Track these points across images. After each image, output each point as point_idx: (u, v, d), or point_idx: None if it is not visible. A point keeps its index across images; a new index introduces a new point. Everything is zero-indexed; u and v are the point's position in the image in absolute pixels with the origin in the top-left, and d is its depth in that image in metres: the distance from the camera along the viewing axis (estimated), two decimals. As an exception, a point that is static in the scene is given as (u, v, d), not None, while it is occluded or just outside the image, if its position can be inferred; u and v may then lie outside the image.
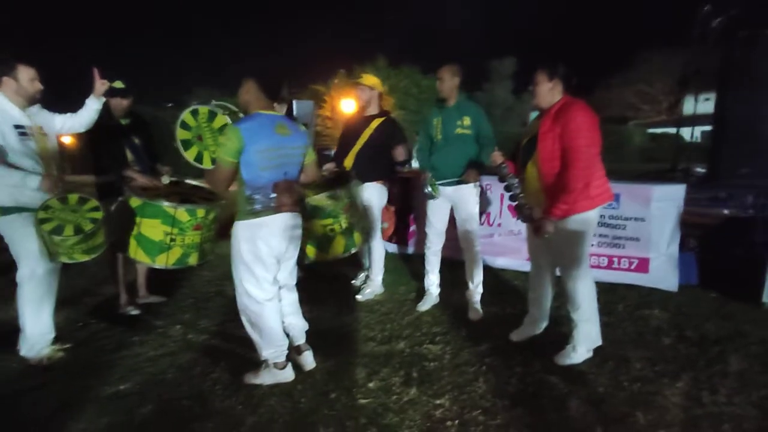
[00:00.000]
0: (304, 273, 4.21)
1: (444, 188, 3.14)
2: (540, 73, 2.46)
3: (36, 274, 2.48)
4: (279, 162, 2.17)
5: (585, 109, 2.39)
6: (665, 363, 2.48)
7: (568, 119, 2.34)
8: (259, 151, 2.09)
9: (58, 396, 2.23)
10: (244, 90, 2.22)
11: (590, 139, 2.34)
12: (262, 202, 2.14)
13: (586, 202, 2.43)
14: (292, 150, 2.24)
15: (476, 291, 3.26)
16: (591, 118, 2.38)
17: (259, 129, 2.10)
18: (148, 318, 3.23)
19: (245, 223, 2.16)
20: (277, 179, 2.17)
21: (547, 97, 2.46)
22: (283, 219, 2.21)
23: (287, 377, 2.33)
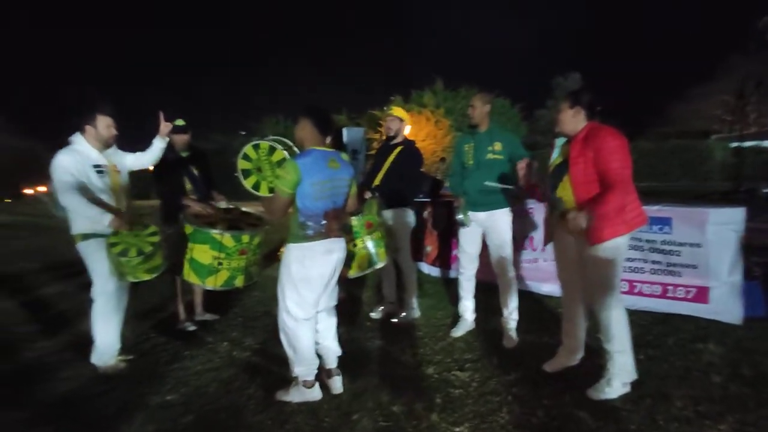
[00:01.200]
0: (345, 294, 4.38)
1: (476, 213, 3.17)
2: (562, 101, 2.54)
3: (106, 291, 2.85)
4: (330, 193, 2.39)
5: (615, 133, 2.39)
6: (710, 403, 2.29)
7: (601, 143, 2.34)
8: (314, 183, 2.31)
9: (116, 402, 2.52)
10: (300, 127, 2.47)
11: (624, 161, 2.33)
12: (314, 228, 2.35)
13: (622, 226, 2.38)
14: (341, 182, 2.46)
15: (511, 318, 3.21)
16: (622, 141, 2.37)
17: (314, 164, 2.33)
18: (201, 334, 3.53)
19: (298, 245, 2.37)
20: (328, 208, 2.39)
21: (569, 123, 2.50)
22: (331, 243, 2.41)
23: (315, 396, 2.45)
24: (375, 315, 3.78)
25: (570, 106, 2.47)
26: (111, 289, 2.85)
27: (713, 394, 2.37)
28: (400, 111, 3.67)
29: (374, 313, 3.80)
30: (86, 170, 2.79)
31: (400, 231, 3.58)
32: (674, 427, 2.11)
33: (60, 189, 2.70)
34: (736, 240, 3.33)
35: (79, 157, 2.80)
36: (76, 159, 2.78)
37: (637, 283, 3.76)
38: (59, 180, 2.70)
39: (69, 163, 2.74)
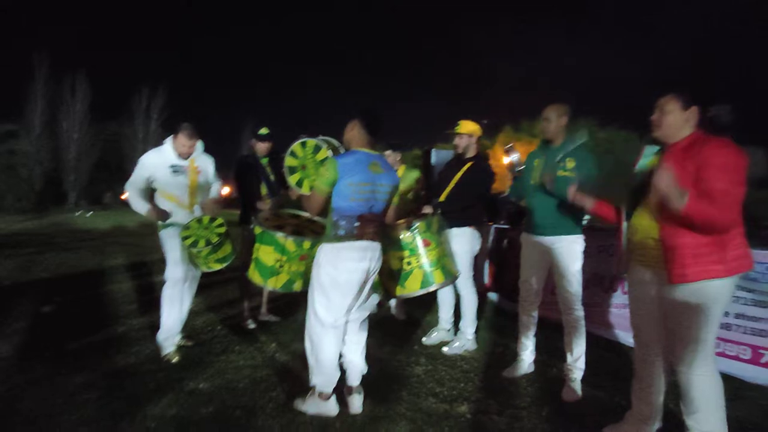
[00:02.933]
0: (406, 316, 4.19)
1: (542, 238, 2.78)
2: (672, 100, 2.00)
3: (175, 276, 3.10)
4: (367, 196, 2.32)
5: (731, 146, 1.87)
6: None
7: (709, 156, 1.84)
8: (351, 184, 2.27)
9: (158, 382, 2.69)
10: (349, 128, 2.45)
11: (735, 183, 1.80)
12: (346, 228, 2.30)
13: (717, 266, 1.85)
14: (381, 187, 2.37)
15: (575, 366, 2.71)
16: (739, 158, 1.84)
17: (354, 164, 2.30)
18: (257, 333, 3.66)
19: (329, 246, 2.33)
20: (363, 211, 2.31)
21: (676, 128, 1.99)
22: (362, 246, 2.32)
23: (330, 411, 2.32)
24: (427, 340, 3.52)
25: (684, 107, 1.97)
26: (179, 275, 3.10)
27: None
28: (468, 125, 3.42)
29: (427, 338, 3.55)
30: (164, 168, 3.13)
31: (460, 253, 3.31)
32: None
33: (129, 181, 3.08)
34: None
35: (161, 157, 3.16)
36: (158, 158, 3.15)
37: (763, 350, 2.92)
38: (134, 173, 3.08)
39: (149, 161, 3.12)
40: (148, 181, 3.14)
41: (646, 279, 2.08)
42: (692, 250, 1.86)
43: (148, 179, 3.13)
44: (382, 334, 3.69)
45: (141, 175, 3.12)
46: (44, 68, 27.89)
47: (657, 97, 2.12)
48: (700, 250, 1.85)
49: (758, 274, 2.93)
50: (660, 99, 2.07)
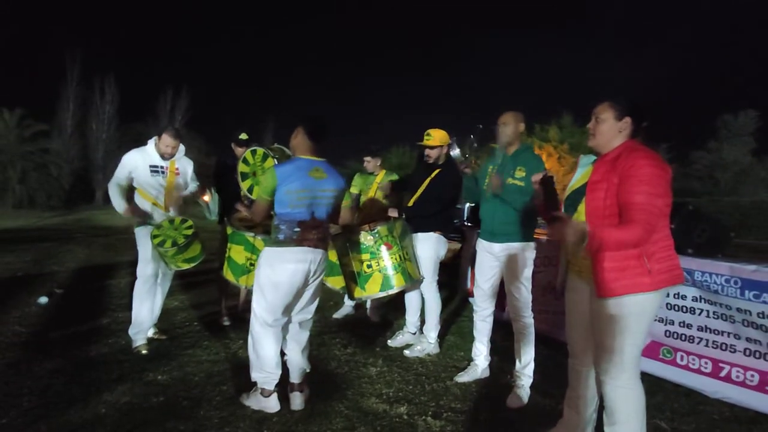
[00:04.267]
0: (379, 318, 4.26)
1: (492, 245, 2.81)
2: (606, 108, 1.98)
3: (145, 273, 3.26)
4: (308, 202, 2.39)
5: (653, 157, 1.86)
6: None
7: (630, 168, 1.83)
8: (289, 191, 2.36)
9: (121, 371, 2.84)
10: (294, 135, 2.53)
11: (654, 195, 1.79)
12: (286, 234, 2.38)
13: (643, 279, 1.84)
14: (323, 192, 2.45)
15: (523, 373, 2.73)
16: (660, 169, 1.83)
17: (292, 172, 2.38)
18: (230, 330, 3.79)
19: (269, 249, 2.43)
20: (304, 217, 2.39)
21: (610, 140, 1.97)
22: (302, 251, 2.39)
23: (271, 407, 2.41)
24: (392, 342, 3.58)
25: (618, 117, 1.95)
26: (149, 272, 3.25)
27: None
28: (437, 136, 3.39)
29: (392, 340, 3.60)
30: (143, 167, 3.29)
31: (425, 257, 3.36)
32: None
33: (112, 179, 3.23)
34: None
35: (142, 156, 3.32)
36: (139, 157, 3.30)
37: (725, 364, 2.87)
38: (117, 171, 3.24)
39: (130, 159, 3.27)
40: (128, 178, 3.30)
41: (580, 288, 2.09)
42: (618, 263, 1.85)
43: (128, 177, 3.29)
44: (351, 335, 3.77)
45: (122, 173, 3.27)
46: (76, 71, 29.18)
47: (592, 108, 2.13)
48: (627, 263, 1.84)
49: (720, 286, 2.88)
50: (596, 107, 2.07)
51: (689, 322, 3.05)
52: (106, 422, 2.24)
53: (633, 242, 1.78)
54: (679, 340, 3.08)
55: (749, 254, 7.67)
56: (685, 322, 3.06)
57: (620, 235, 1.76)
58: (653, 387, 2.87)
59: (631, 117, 1.95)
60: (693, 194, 22.58)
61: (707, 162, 24.15)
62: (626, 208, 1.80)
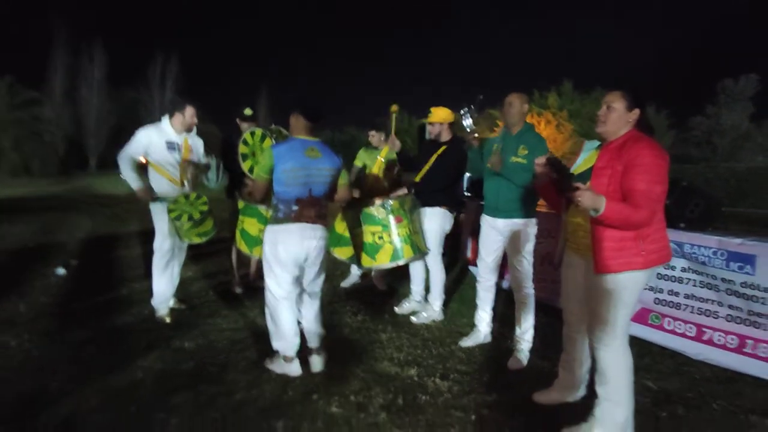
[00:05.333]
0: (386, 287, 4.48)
1: (495, 220, 2.98)
2: (618, 97, 2.10)
3: (162, 248, 3.42)
4: (303, 180, 2.53)
5: (656, 147, 2.02)
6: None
7: (635, 157, 1.99)
8: (285, 170, 2.49)
9: (149, 340, 3.04)
10: (292, 118, 2.65)
11: (654, 182, 1.96)
12: (284, 212, 2.53)
13: (637, 258, 2.03)
14: (319, 171, 2.58)
15: (523, 338, 2.96)
16: (662, 159, 2.00)
17: (288, 151, 2.51)
18: (245, 299, 4.00)
19: (270, 227, 2.59)
20: (301, 194, 2.53)
21: (619, 128, 2.11)
22: (301, 228, 2.55)
23: (292, 371, 2.63)
24: (399, 310, 3.81)
25: (629, 108, 2.08)
26: (166, 246, 3.41)
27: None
28: (439, 113, 3.53)
29: (398, 307, 3.83)
30: (161, 144, 3.38)
31: (431, 231, 3.53)
32: (639, 497, 1.77)
33: (123, 153, 3.30)
34: None
35: (158, 133, 3.40)
36: (155, 133, 3.38)
37: (707, 329, 3.11)
38: (129, 147, 3.31)
39: (146, 135, 3.34)
40: (142, 153, 3.39)
41: (576, 264, 2.27)
42: (616, 243, 2.02)
43: (144, 153, 3.39)
44: (360, 303, 4.00)
45: (136, 148, 3.36)
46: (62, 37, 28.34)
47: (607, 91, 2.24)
48: (624, 243, 2.02)
49: (707, 258, 3.08)
50: (608, 95, 2.18)
51: (677, 291, 3.27)
52: (145, 386, 2.46)
53: (637, 223, 1.96)
54: (667, 306, 3.31)
55: (739, 225, 7.93)
56: (673, 290, 3.28)
57: (629, 212, 1.93)
58: (642, 350, 3.12)
59: (640, 109, 2.08)
60: (690, 161, 22.65)
61: (705, 128, 24.09)
62: (630, 195, 1.96)
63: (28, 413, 2.18)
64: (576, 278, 2.29)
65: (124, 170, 3.36)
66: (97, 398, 2.32)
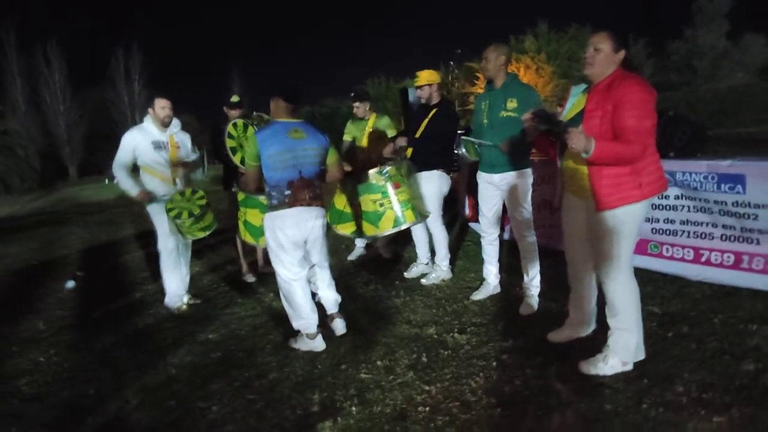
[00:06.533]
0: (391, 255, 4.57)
1: (491, 175, 3.04)
2: (604, 38, 2.13)
3: (167, 247, 3.46)
4: (292, 163, 2.55)
5: (643, 84, 2.08)
6: (722, 392, 2.00)
7: (623, 95, 2.05)
8: (270, 155, 2.52)
9: (173, 337, 3.14)
10: (273, 104, 2.66)
11: (644, 117, 2.03)
12: (277, 198, 2.57)
13: (635, 191, 2.12)
14: (305, 151, 2.60)
15: (531, 284, 3.08)
16: (650, 94, 2.07)
17: (271, 135, 2.53)
18: (257, 286, 4.08)
19: (268, 215, 2.64)
20: (292, 178, 2.55)
21: (606, 69, 2.15)
22: (297, 212, 2.59)
23: (317, 347, 2.74)
24: (408, 274, 3.91)
25: (615, 49, 2.11)
26: (171, 245, 3.45)
27: (732, 383, 2.06)
28: (426, 76, 3.53)
29: (407, 272, 3.94)
30: (146, 145, 3.36)
31: (429, 194, 3.58)
32: (657, 412, 1.92)
33: (115, 162, 3.32)
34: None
35: (142, 134, 3.38)
36: (139, 134, 3.37)
37: (704, 250, 3.25)
38: (118, 155, 3.32)
39: (131, 138, 3.34)
40: (133, 158, 3.37)
41: (576, 206, 2.36)
42: (613, 179, 2.10)
43: (133, 157, 3.37)
44: (369, 273, 4.10)
45: (125, 155, 3.35)
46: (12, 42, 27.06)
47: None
48: (621, 179, 2.10)
49: (699, 183, 3.18)
50: (593, 36, 2.21)
51: (672, 218, 3.39)
52: (180, 379, 2.56)
53: (630, 158, 2.04)
54: (665, 235, 3.44)
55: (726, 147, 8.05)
56: (669, 218, 3.40)
57: (620, 149, 2.02)
58: (644, 279, 3.26)
59: (625, 50, 2.12)
60: (671, 87, 22.63)
61: (684, 51, 23.95)
62: (621, 132, 2.04)
63: (72, 420, 2.27)
64: (577, 220, 2.38)
65: (120, 179, 3.37)
66: (137, 398, 2.42)
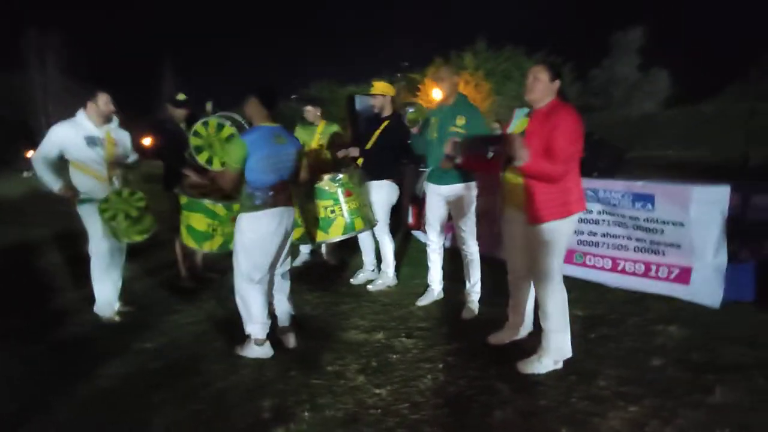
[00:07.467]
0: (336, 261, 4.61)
1: (439, 187, 3.20)
2: (543, 69, 2.41)
3: (100, 251, 3.24)
4: (276, 167, 2.59)
5: (575, 114, 2.37)
6: (636, 385, 2.28)
7: (560, 121, 2.30)
8: (260, 159, 2.52)
9: (106, 346, 2.94)
10: (248, 105, 2.65)
11: (572, 141, 2.30)
12: (262, 198, 2.57)
13: (561, 208, 2.36)
14: (287, 156, 2.65)
15: (473, 290, 3.28)
16: (579, 123, 2.35)
17: (260, 140, 2.53)
18: (198, 292, 3.92)
19: (248, 215, 2.60)
20: (275, 181, 2.59)
21: (544, 96, 2.41)
22: (279, 211, 2.62)
23: (265, 353, 2.72)
24: (354, 281, 3.98)
25: (551, 78, 2.38)
26: (104, 249, 3.24)
27: (644, 377, 2.36)
28: (381, 86, 3.68)
29: (354, 279, 4.00)
30: (79, 141, 3.13)
31: (379, 203, 3.68)
32: (584, 405, 2.15)
33: (36, 154, 3.08)
34: (722, 220, 3.11)
35: (74, 129, 3.15)
36: (71, 129, 3.14)
37: (620, 260, 3.65)
38: (41, 147, 3.08)
39: (60, 133, 3.11)
40: (59, 154, 3.13)
41: (515, 218, 2.57)
42: (545, 196, 2.35)
43: (59, 152, 3.13)
44: (315, 280, 4.11)
45: (51, 149, 3.10)
46: None
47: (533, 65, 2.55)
48: (551, 196, 2.35)
49: (617, 200, 3.57)
50: (534, 67, 2.49)
51: (595, 231, 3.77)
52: (116, 392, 2.41)
53: (553, 175, 2.30)
54: (588, 246, 3.81)
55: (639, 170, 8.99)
56: (592, 231, 3.78)
57: (548, 166, 2.27)
58: (570, 286, 3.48)
59: (560, 80, 2.38)
60: (591, 109, 24.92)
61: (602, 79, 26.64)
62: (551, 152, 2.28)
63: (-9, 441, 2.07)
64: (515, 231, 2.60)
65: (39, 173, 3.11)
66: (65, 413, 2.25)
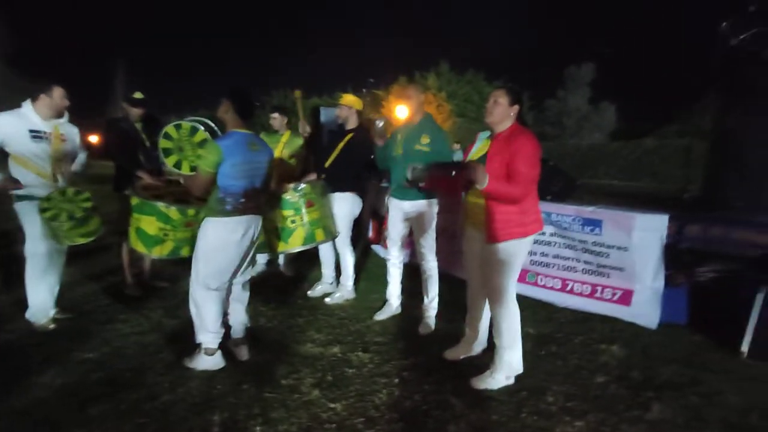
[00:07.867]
0: (293, 273, 4.54)
1: (401, 202, 3.26)
2: (503, 94, 2.50)
3: (37, 252, 3.02)
4: (249, 174, 2.56)
5: (534, 139, 2.47)
6: (581, 400, 2.39)
7: (520, 146, 2.39)
8: (234, 165, 2.48)
9: (42, 355, 2.73)
10: (222, 110, 2.61)
11: (533, 167, 2.41)
12: (232, 204, 2.51)
13: (519, 229, 2.45)
14: (260, 164, 2.63)
15: (430, 306, 3.33)
16: (538, 148, 2.46)
17: (235, 146, 2.49)
18: (143, 300, 3.73)
19: (216, 219, 2.53)
20: (247, 187, 2.55)
21: (503, 119, 2.50)
22: (248, 219, 2.58)
23: (216, 364, 2.63)
24: (312, 293, 3.93)
25: (510, 103, 2.48)
26: (42, 251, 3.03)
27: (588, 393, 2.48)
28: (350, 99, 3.73)
29: (311, 291, 3.95)
30: (22, 133, 2.95)
31: (341, 215, 3.67)
32: (532, 420, 2.22)
33: None
34: (660, 246, 3.36)
35: (18, 121, 2.96)
36: (14, 121, 2.95)
37: (569, 281, 3.83)
38: None
39: (2, 123, 2.91)
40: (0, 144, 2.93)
41: (475, 237, 2.65)
42: (504, 216, 2.44)
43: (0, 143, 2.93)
44: (271, 290, 4.02)
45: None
46: None
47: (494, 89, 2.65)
48: (510, 217, 2.44)
49: (568, 224, 3.76)
50: (494, 91, 2.60)
51: (546, 252, 3.95)
52: (51, 403, 2.25)
53: (514, 198, 2.40)
54: (540, 266, 3.98)
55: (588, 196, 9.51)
56: (544, 252, 3.95)
57: (507, 189, 2.38)
58: (523, 304, 3.62)
59: (519, 105, 2.50)
60: (545, 138, 26.34)
61: (556, 109, 28.31)
62: (512, 175, 2.38)
63: None
64: (474, 249, 2.68)
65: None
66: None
